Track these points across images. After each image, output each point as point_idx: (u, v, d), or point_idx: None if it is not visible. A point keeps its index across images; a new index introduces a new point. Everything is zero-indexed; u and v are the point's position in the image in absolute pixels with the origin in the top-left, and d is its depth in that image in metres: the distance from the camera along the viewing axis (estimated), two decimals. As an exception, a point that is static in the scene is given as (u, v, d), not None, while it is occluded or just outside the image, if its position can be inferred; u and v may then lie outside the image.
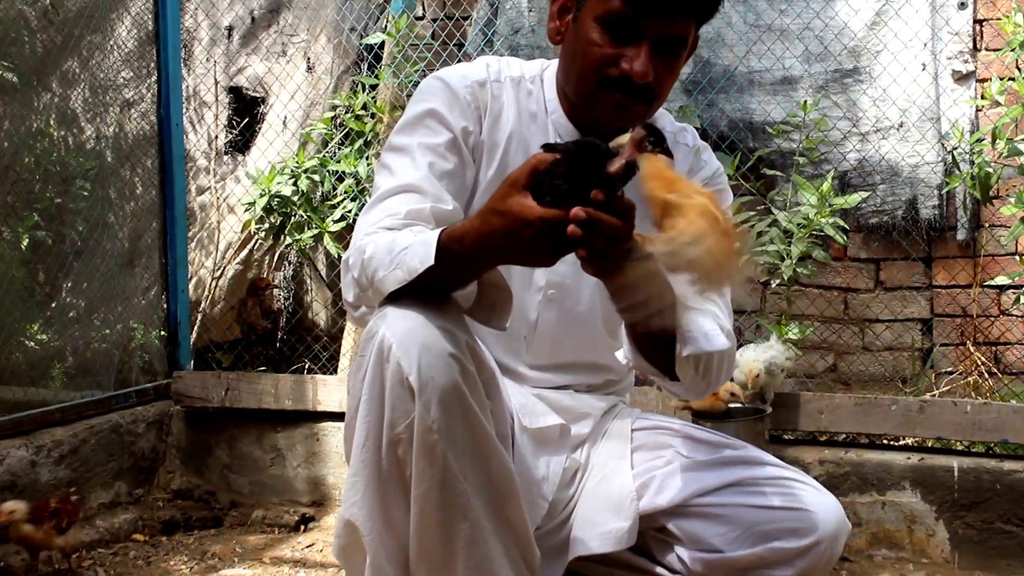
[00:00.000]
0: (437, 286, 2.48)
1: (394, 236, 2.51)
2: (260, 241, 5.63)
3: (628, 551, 2.88)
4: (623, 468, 2.92)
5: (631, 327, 2.66)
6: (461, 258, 2.41)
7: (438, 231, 2.44)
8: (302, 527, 4.41)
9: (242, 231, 5.61)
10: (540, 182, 2.27)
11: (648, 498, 2.86)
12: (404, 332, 2.42)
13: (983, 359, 5.33)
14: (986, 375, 5.22)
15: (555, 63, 2.86)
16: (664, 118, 2.96)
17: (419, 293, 2.46)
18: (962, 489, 3.87)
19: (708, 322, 2.73)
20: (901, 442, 4.16)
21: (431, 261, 2.39)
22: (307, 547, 4.14)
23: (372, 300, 2.54)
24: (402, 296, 2.47)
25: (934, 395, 4.80)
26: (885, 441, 4.15)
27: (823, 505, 2.78)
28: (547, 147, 2.31)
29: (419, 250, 2.43)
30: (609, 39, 2.65)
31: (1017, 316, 5.41)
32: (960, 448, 4.08)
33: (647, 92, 2.69)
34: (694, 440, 2.95)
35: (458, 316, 2.53)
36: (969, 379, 5.16)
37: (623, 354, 2.81)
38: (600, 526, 2.85)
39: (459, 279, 2.50)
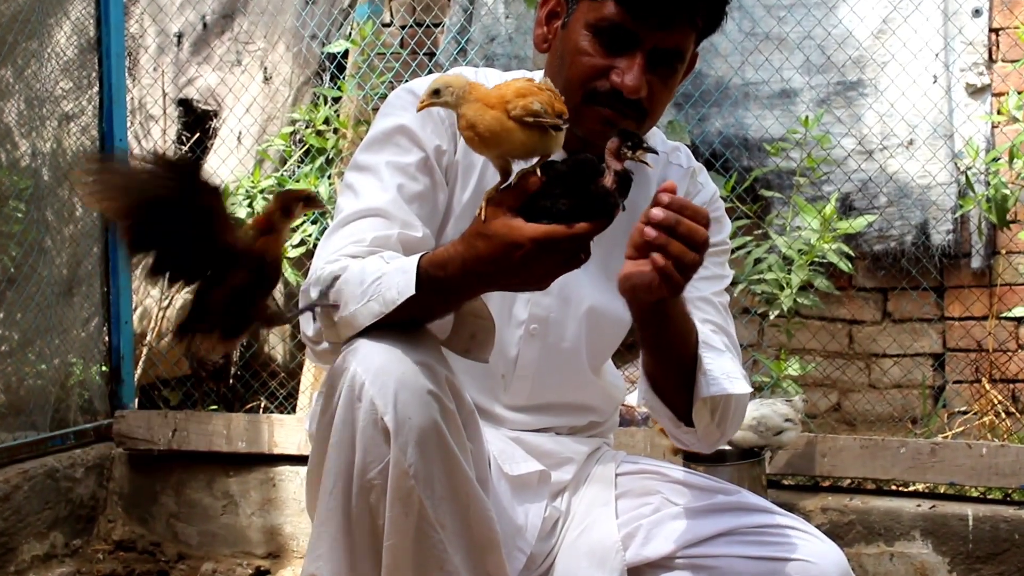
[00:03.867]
0: (414, 317, 2.48)
1: (363, 264, 2.51)
2: (211, 268, 5.63)
3: (614, 606, 2.90)
4: (607, 516, 2.91)
5: (651, 360, 2.68)
6: (444, 286, 2.42)
7: (415, 257, 2.44)
8: (257, 582, 4.43)
9: (191, 257, 5.62)
10: (535, 203, 2.31)
11: (634, 549, 2.86)
12: (378, 368, 2.42)
13: (1000, 398, 5.34)
14: (1003, 415, 5.23)
15: (539, 75, 2.83)
16: (655, 136, 2.96)
17: (392, 325, 2.45)
18: (977, 539, 3.90)
19: (728, 363, 2.76)
20: (911, 488, 4.18)
21: (412, 291, 2.39)
22: (262, 603, 4.16)
23: (339, 335, 2.54)
24: (372, 328, 2.46)
25: (946, 437, 4.84)
26: (893, 487, 4.17)
27: (826, 557, 2.80)
28: (545, 167, 2.33)
29: (396, 279, 2.43)
30: (600, 48, 2.65)
31: (1037, 351, 5.44)
32: (975, 495, 4.11)
33: (638, 108, 2.69)
34: (684, 485, 2.95)
35: (436, 349, 2.54)
36: (984, 419, 5.18)
37: (638, 396, 2.83)
38: (583, 580, 2.87)
39: (440, 309, 2.52)
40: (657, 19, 2.62)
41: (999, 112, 4.92)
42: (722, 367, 2.71)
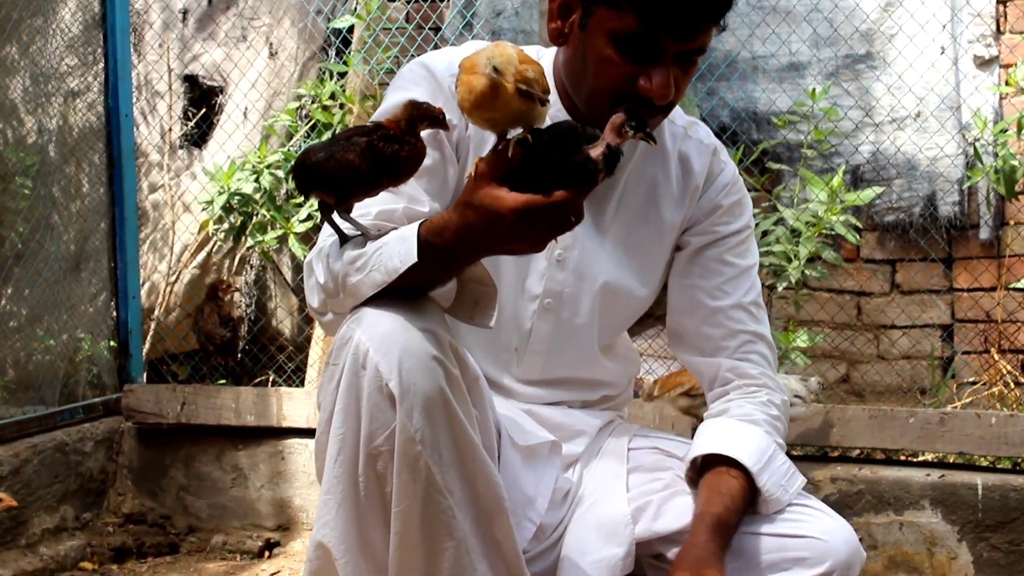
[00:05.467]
0: (416, 285, 2.48)
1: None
2: (219, 243, 5.62)
3: (622, 580, 2.89)
4: (618, 490, 2.92)
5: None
6: (443, 253, 2.42)
7: (414, 225, 2.44)
8: (266, 553, 4.42)
9: (199, 232, 5.61)
10: (519, 172, 2.32)
11: (644, 523, 2.87)
12: (382, 335, 2.42)
13: (1009, 368, 5.35)
14: (1012, 385, 5.24)
15: (551, 52, 2.83)
16: (675, 111, 2.92)
17: (395, 293, 2.46)
18: (987, 508, 3.90)
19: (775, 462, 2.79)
20: (920, 458, 4.18)
21: (414, 258, 2.40)
22: (272, 575, 4.14)
23: (343, 306, 2.55)
24: (376, 297, 2.47)
25: (955, 407, 4.83)
26: (902, 457, 4.16)
27: (835, 532, 2.79)
28: (535, 132, 2.33)
29: (397, 248, 2.43)
30: (624, 58, 2.61)
31: (1046, 322, 5.44)
32: (984, 464, 4.11)
33: (666, 108, 2.70)
34: None
35: (439, 316, 2.54)
36: (994, 389, 5.18)
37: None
38: (592, 553, 2.85)
39: (441, 275, 2.52)
40: (680, 30, 2.59)
41: (1007, 83, 4.90)
42: (774, 480, 2.76)
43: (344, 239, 2.52)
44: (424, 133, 2.56)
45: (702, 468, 2.78)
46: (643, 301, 3.02)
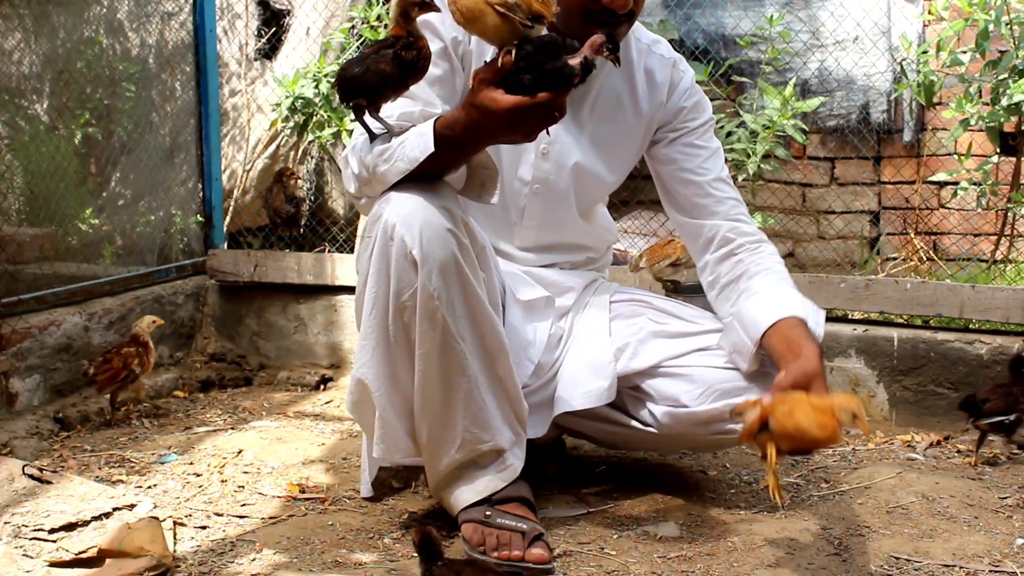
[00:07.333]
0: (433, 171, 2.50)
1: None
2: (286, 138, 5.58)
3: (606, 407, 2.93)
4: (603, 335, 2.96)
5: None
6: (453, 143, 2.44)
7: (430, 121, 2.47)
8: (321, 386, 4.44)
9: (269, 129, 5.56)
10: (509, 77, 2.33)
11: (624, 361, 2.92)
12: (406, 213, 2.46)
13: (922, 245, 5.33)
14: (924, 259, 5.23)
15: None
16: (639, 30, 2.99)
17: (416, 178, 2.49)
18: (900, 356, 3.89)
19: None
20: (849, 316, 4.16)
21: (431, 148, 2.43)
22: (326, 403, 4.17)
23: (374, 190, 2.57)
24: (401, 182, 2.50)
25: (878, 276, 4.80)
26: (836, 315, 4.14)
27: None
28: (521, 43, 2.34)
29: (417, 141, 2.46)
30: None
31: (954, 209, 5.39)
32: (900, 321, 4.09)
33: (629, 16, 2.72)
34: (666, 313, 3.02)
35: (453, 196, 2.57)
36: (910, 263, 5.16)
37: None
38: (582, 385, 2.90)
39: (454, 162, 2.53)
40: None
41: (930, 13, 4.80)
42: (820, 327, 2.73)
43: (372, 136, 2.52)
44: (435, 48, 2.56)
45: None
46: (611, 184, 3.07)
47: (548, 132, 2.47)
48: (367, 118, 2.51)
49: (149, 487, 3.13)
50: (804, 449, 2.39)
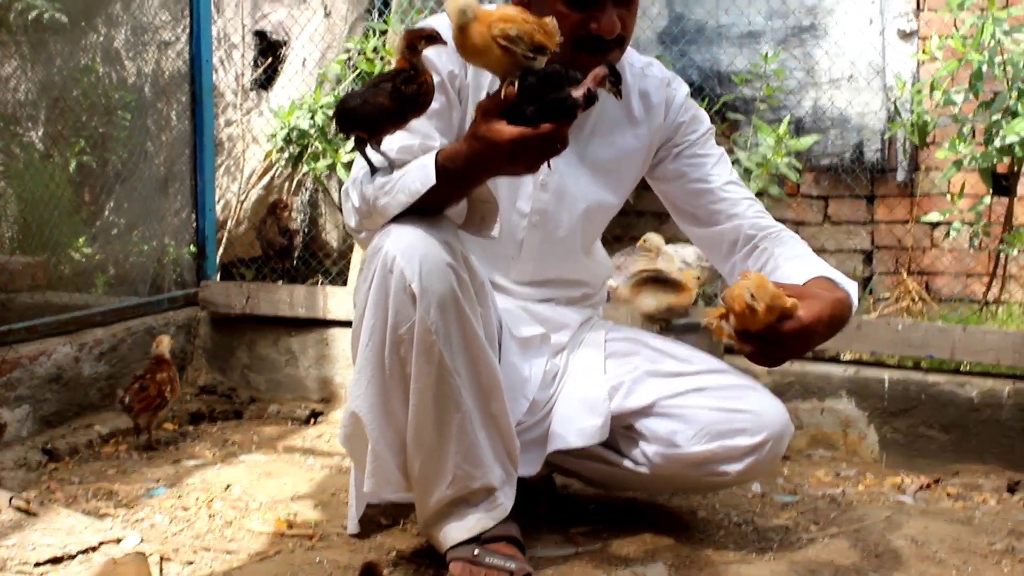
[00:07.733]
0: (434, 205, 2.49)
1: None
2: (280, 169, 5.59)
3: (599, 446, 2.92)
4: (597, 373, 2.95)
5: None
6: (457, 175, 2.43)
7: (432, 154, 2.46)
8: (312, 420, 4.42)
9: (264, 159, 5.58)
10: (515, 108, 2.32)
11: (618, 400, 2.91)
12: (406, 246, 2.45)
13: (915, 286, 5.34)
14: (917, 299, 5.24)
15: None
16: (631, 54, 2.98)
17: (417, 212, 2.48)
18: (891, 398, 3.89)
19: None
20: (840, 357, 4.16)
21: (433, 180, 2.42)
22: (316, 437, 4.15)
23: (374, 223, 2.56)
24: (401, 216, 2.50)
25: (871, 316, 4.81)
26: (827, 356, 4.14)
27: (771, 408, 2.83)
28: (524, 74, 2.33)
29: (418, 173, 2.45)
30: (572, 9, 2.65)
31: (946, 249, 5.41)
32: (891, 363, 4.09)
33: (619, 42, 2.72)
34: (661, 352, 3.00)
35: (453, 231, 2.57)
36: (902, 304, 5.17)
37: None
38: (577, 423, 2.89)
39: (455, 195, 2.53)
40: None
41: (923, 52, 4.85)
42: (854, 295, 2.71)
43: (373, 169, 2.52)
44: (436, 80, 2.55)
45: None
46: (613, 207, 3.05)
47: (549, 164, 2.47)
48: (368, 150, 2.51)
49: (136, 521, 3.11)
50: (744, 320, 2.36)
